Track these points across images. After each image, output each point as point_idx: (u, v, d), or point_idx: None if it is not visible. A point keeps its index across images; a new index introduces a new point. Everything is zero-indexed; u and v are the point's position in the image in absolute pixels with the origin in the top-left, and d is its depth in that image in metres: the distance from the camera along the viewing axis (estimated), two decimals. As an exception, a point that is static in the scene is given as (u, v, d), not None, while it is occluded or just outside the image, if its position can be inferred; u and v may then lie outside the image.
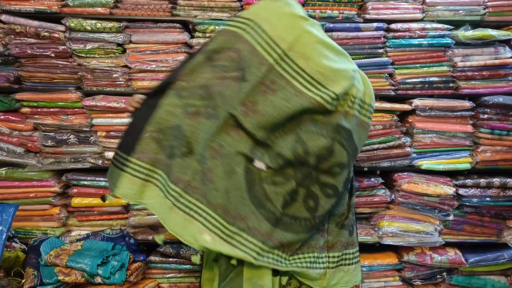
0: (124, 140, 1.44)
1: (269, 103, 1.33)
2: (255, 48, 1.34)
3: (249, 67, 1.34)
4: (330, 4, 2.31)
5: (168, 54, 2.30)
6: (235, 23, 1.39)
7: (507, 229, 2.41)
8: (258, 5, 1.42)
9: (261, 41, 1.34)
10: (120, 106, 2.27)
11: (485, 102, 2.29)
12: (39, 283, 2.06)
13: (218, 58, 1.38)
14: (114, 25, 2.23)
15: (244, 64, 1.35)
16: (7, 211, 1.98)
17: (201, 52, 1.41)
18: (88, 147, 2.37)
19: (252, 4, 1.42)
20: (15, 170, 2.36)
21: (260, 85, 1.34)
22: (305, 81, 1.33)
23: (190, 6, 2.28)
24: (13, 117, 2.33)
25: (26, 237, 2.35)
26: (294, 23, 1.36)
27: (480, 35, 2.26)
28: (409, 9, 2.33)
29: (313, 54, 1.34)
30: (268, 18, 1.36)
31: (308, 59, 1.34)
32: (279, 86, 1.33)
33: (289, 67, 1.34)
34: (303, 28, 1.35)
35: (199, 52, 1.41)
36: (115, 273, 2.06)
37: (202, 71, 1.39)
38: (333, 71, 1.34)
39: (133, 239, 2.30)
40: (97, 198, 2.36)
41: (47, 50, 2.25)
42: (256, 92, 1.35)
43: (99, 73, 2.31)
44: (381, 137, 2.35)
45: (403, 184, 2.32)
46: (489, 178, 2.34)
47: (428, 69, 2.34)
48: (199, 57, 1.40)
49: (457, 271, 2.45)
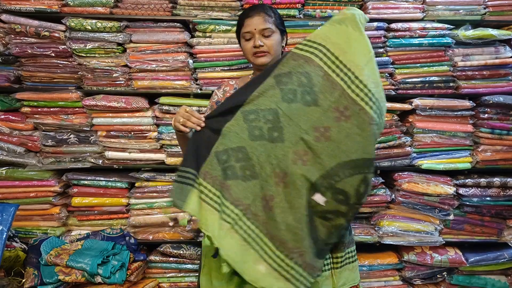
0: (189, 158, 1.40)
1: (343, 130, 1.29)
2: (326, 72, 1.33)
3: (322, 92, 1.32)
4: (330, 3, 2.31)
5: (168, 53, 2.30)
6: (305, 47, 1.39)
7: (507, 228, 2.41)
8: (327, 29, 1.41)
9: (332, 65, 1.33)
10: (120, 105, 2.27)
11: (485, 102, 2.29)
12: (39, 283, 2.06)
13: (288, 82, 1.36)
14: (115, 24, 2.23)
15: (316, 89, 1.33)
16: (7, 210, 1.98)
17: (271, 75, 1.39)
18: (88, 147, 2.37)
19: (321, 27, 1.42)
20: (16, 170, 2.36)
21: (334, 111, 1.32)
22: (376, 108, 1.31)
23: (190, 5, 2.27)
24: (13, 116, 2.34)
25: (27, 236, 2.35)
26: (364, 48, 1.35)
27: (480, 35, 2.26)
28: (409, 8, 2.33)
29: (379, 81, 1.36)
30: (338, 43, 1.35)
31: (377, 84, 1.34)
32: (352, 111, 1.30)
33: (362, 91, 1.31)
34: (372, 53, 1.35)
35: (268, 75, 1.40)
36: (116, 273, 2.06)
37: (271, 94, 1.37)
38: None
39: (133, 238, 2.30)
40: (97, 197, 2.37)
41: (47, 50, 2.25)
42: (329, 118, 1.32)
43: (99, 73, 2.31)
44: (381, 136, 2.35)
45: (403, 184, 2.32)
46: (489, 178, 2.34)
47: (428, 69, 2.34)
48: (269, 81, 1.38)
49: (457, 271, 2.45)
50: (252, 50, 1.56)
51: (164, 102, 2.30)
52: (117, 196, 2.39)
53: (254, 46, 1.55)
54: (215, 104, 1.67)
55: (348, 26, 1.36)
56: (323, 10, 2.31)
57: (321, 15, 2.31)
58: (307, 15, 2.32)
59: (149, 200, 2.37)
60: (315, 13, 2.30)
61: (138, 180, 2.39)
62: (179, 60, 2.30)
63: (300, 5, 2.29)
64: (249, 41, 1.57)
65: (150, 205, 2.36)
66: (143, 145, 2.36)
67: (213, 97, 1.70)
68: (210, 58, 2.32)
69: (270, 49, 1.56)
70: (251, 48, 1.56)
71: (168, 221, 2.37)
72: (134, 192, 2.37)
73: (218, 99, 1.68)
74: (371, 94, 1.30)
